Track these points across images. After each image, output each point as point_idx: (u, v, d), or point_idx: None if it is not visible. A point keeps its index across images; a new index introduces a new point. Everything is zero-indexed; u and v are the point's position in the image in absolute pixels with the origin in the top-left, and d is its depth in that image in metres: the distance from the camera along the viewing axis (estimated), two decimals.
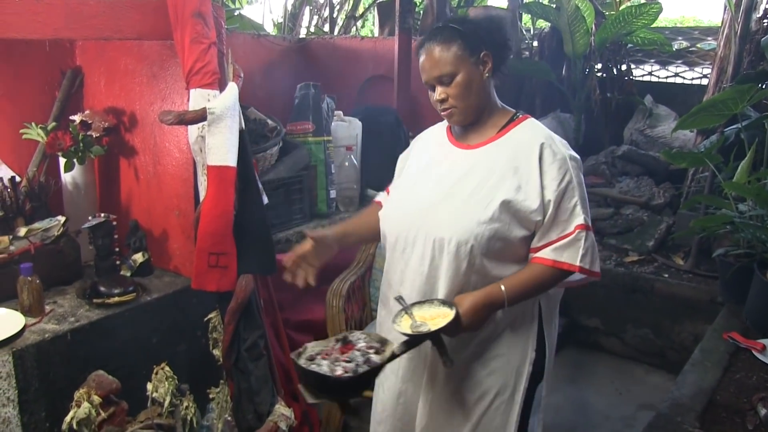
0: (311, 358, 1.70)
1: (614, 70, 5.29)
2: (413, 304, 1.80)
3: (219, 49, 2.46)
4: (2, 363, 2.18)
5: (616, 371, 3.88)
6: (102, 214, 2.81)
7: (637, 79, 5.44)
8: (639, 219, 4.35)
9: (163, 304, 2.65)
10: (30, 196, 2.82)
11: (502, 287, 1.79)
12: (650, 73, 5.57)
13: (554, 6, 5.23)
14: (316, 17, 8.52)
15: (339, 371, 1.62)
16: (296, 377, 2.66)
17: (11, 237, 2.63)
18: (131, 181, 3.00)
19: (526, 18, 6.50)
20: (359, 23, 8.57)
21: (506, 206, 1.79)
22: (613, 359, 4.01)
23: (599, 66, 5.25)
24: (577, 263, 1.80)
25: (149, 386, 2.21)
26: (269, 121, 3.35)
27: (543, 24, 6.01)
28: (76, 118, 2.90)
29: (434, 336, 1.71)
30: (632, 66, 5.43)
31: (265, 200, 2.59)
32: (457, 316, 1.72)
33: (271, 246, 2.56)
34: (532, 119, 1.94)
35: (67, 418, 2.09)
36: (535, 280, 1.84)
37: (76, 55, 3.14)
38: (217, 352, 2.50)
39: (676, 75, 5.41)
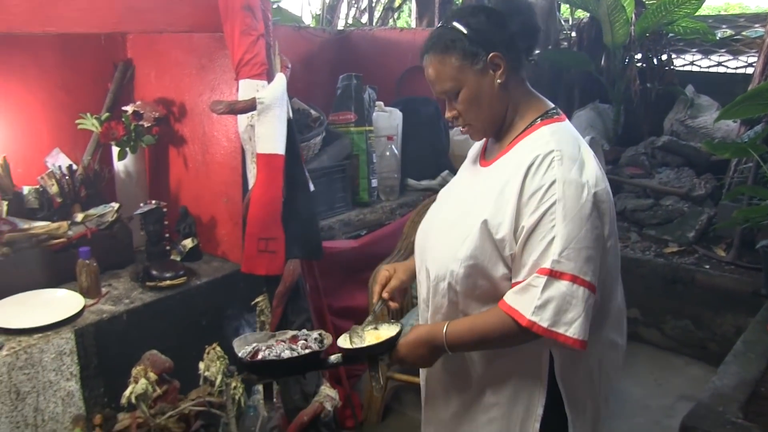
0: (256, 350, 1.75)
1: (654, 60, 5.24)
2: (383, 321, 1.72)
3: (267, 41, 2.54)
4: (65, 340, 2.31)
5: (655, 362, 3.88)
6: (153, 201, 2.92)
7: (678, 69, 5.37)
8: (679, 210, 4.33)
9: (212, 288, 2.75)
10: (85, 183, 2.93)
11: (445, 327, 1.55)
12: (692, 63, 5.51)
13: None
14: (353, 9, 8.60)
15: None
16: None
17: (69, 222, 2.75)
18: (180, 169, 3.11)
19: (564, 8, 6.46)
20: (395, 14, 8.62)
21: (486, 235, 1.52)
22: (652, 350, 4.01)
23: (639, 56, 5.21)
24: (527, 316, 1.42)
25: (201, 365, 2.31)
26: (312, 112, 3.43)
27: (582, 14, 5.98)
28: (128, 108, 3.02)
29: (361, 353, 1.64)
30: (673, 56, 5.37)
31: (312, 188, 2.66)
32: (393, 342, 1.61)
33: (318, 232, 2.64)
34: (557, 124, 1.59)
35: (126, 393, 2.20)
36: (483, 327, 1.53)
37: (127, 48, 3.26)
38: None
39: (719, 64, 5.34)
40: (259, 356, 1.71)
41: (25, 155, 2.97)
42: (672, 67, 5.30)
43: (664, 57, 5.28)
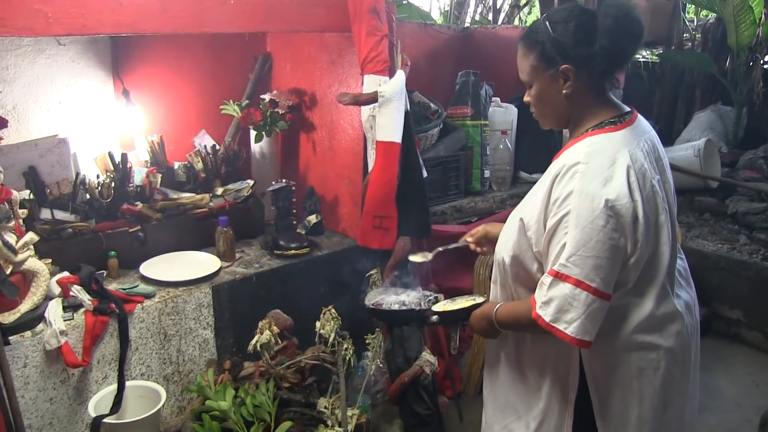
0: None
1: None
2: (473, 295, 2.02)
3: (390, 40, 2.81)
4: (204, 294, 2.69)
5: (754, 364, 3.85)
6: (283, 180, 3.27)
7: None
8: None
9: (332, 260, 3.07)
10: (226, 161, 3.32)
11: (496, 307, 1.77)
12: None
13: None
14: (480, 5, 8.73)
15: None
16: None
17: (211, 195, 3.14)
18: (309, 152, 3.45)
19: (690, 8, 6.36)
20: (525, 11, 8.68)
21: (522, 232, 1.69)
22: (753, 352, 3.98)
23: (767, 58, 5.11)
24: (535, 309, 1.60)
25: (317, 324, 2.61)
26: (431, 105, 3.68)
27: (707, 14, 5.88)
28: (266, 96, 3.37)
29: (447, 316, 1.96)
30: None
31: (425, 174, 2.92)
32: (470, 311, 1.87)
33: (427, 213, 2.90)
34: (603, 135, 1.65)
35: (253, 341, 2.55)
36: (518, 312, 1.71)
37: (267, 43, 3.63)
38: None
39: None
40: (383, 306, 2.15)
41: (177, 135, 3.40)
42: None
43: None
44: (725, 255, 4.09)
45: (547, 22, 1.65)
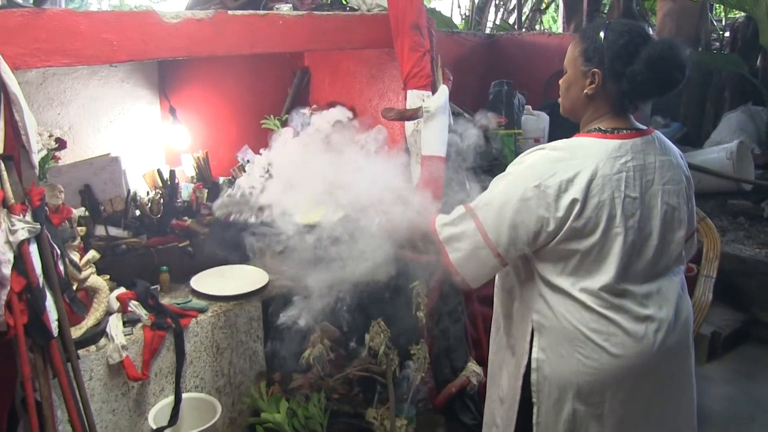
0: None
1: None
2: None
3: (431, 55, 2.87)
4: (255, 308, 2.76)
5: None
6: None
7: None
8: None
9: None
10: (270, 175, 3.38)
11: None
12: None
13: None
14: (501, 10, 8.78)
15: None
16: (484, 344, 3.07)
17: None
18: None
19: (718, 8, 6.35)
20: (541, 16, 8.72)
21: None
22: None
23: None
24: (435, 224, 1.88)
25: (367, 337, 2.67)
26: (465, 115, 3.73)
27: (736, 14, 5.88)
28: (305, 111, 3.44)
29: None
30: None
31: (467, 186, 2.97)
32: None
33: None
34: (582, 138, 1.79)
35: (305, 354, 2.62)
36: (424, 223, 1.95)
37: (305, 57, 3.70)
38: (420, 314, 2.92)
39: None
40: None
41: (220, 151, 3.48)
42: None
43: None
44: (764, 260, 4.10)
45: (605, 28, 1.75)
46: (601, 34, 1.73)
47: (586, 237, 1.70)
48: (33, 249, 1.95)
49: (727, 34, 6.05)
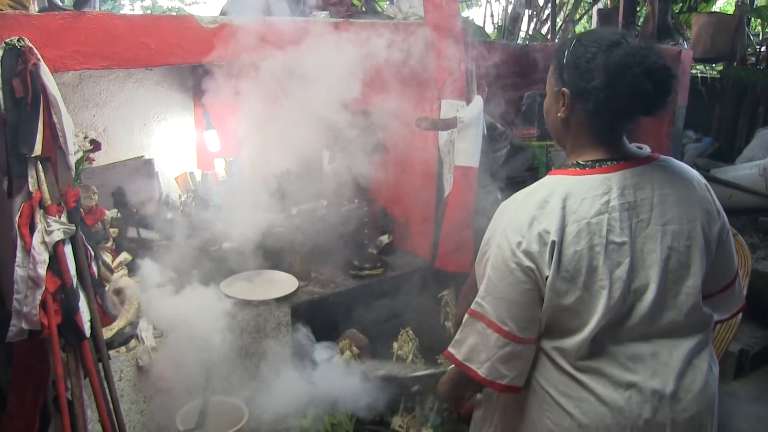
0: None
1: None
2: None
3: (467, 66, 2.86)
4: (284, 314, 2.76)
5: None
6: (356, 201, 3.33)
7: None
8: None
9: (404, 280, 3.12)
10: (300, 181, 3.39)
11: None
12: None
13: None
14: (534, 20, 8.74)
15: None
16: None
17: (285, 215, 3.22)
18: (381, 173, 3.50)
19: (755, 22, 6.28)
20: (575, 27, 8.66)
21: None
22: None
23: None
24: (448, 348, 1.63)
25: (395, 345, 2.67)
26: (499, 126, 3.71)
27: None
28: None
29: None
30: None
31: (499, 197, 2.95)
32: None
33: None
34: (554, 177, 1.54)
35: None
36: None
37: None
38: (448, 324, 2.91)
39: None
40: None
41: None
42: None
43: None
44: None
45: (575, 40, 1.53)
46: (570, 48, 1.52)
47: (564, 295, 1.46)
48: (68, 250, 1.97)
49: (763, 48, 5.95)
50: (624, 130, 1.55)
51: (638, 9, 6.07)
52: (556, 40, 7.07)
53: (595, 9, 7.29)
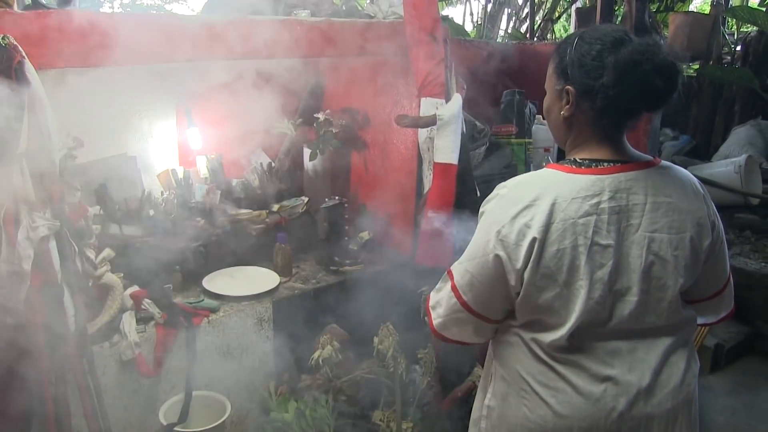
0: None
1: None
2: None
3: (446, 64, 2.90)
4: (265, 309, 2.79)
5: None
6: (336, 197, 3.37)
7: None
8: None
9: (385, 275, 3.15)
10: (280, 178, 3.43)
11: None
12: None
13: (765, 9, 5.16)
14: (513, 18, 8.82)
15: None
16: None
17: (267, 211, 3.25)
18: (361, 170, 3.55)
19: (730, 22, 6.39)
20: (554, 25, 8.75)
21: None
22: None
23: None
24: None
25: (375, 339, 2.70)
26: (478, 124, 3.76)
27: (749, 28, 5.91)
28: (320, 116, 3.48)
29: None
30: None
31: (478, 194, 3.00)
32: None
33: None
34: (549, 171, 1.57)
35: (315, 355, 2.65)
36: None
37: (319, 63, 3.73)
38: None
39: None
40: None
41: (233, 153, 3.51)
42: None
43: None
44: None
45: (577, 37, 1.54)
46: (574, 45, 1.53)
47: (543, 291, 1.49)
48: (52, 246, 1.99)
49: (738, 48, 6.06)
50: (627, 128, 1.57)
51: (616, 8, 6.15)
52: (535, 39, 7.14)
53: (573, 8, 7.38)
